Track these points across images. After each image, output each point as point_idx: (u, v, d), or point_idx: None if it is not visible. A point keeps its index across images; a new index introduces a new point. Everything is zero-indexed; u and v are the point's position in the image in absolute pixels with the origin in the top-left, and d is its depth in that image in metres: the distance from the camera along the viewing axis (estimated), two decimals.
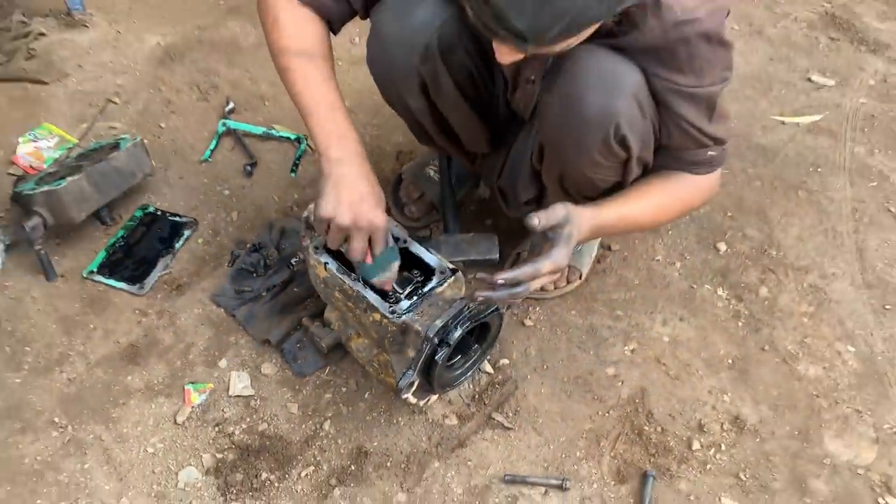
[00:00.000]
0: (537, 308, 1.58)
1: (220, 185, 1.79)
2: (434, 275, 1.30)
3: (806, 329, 1.56)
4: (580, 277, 1.61)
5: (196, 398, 1.45)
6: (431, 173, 1.71)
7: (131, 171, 1.67)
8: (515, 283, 1.15)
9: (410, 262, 1.33)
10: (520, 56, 1.05)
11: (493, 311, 1.29)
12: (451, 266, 1.31)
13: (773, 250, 1.69)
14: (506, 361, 1.50)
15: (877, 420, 1.43)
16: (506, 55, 1.06)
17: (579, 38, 1.03)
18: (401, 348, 1.28)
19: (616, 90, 1.15)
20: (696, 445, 1.39)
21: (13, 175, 1.76)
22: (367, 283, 1.28)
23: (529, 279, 1.15)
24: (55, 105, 1.93)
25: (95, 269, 1.61)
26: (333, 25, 1.32)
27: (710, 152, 1.27)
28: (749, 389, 1.47)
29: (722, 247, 1.69)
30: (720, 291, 1.62)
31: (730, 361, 1.51)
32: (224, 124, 1.89)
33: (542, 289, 1.55)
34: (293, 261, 1.58)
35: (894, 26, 2.26)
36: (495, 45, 1.06)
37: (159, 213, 1.72)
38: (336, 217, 1.19)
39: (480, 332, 1.35)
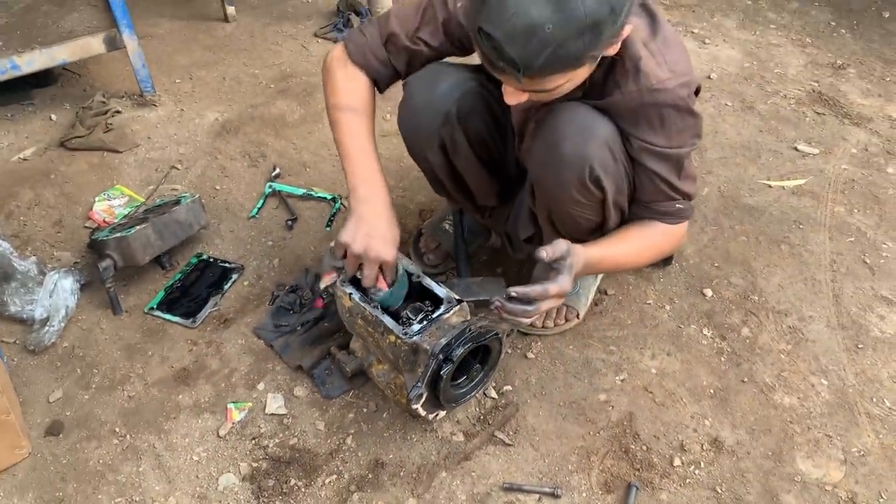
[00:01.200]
0: (538, 343, 1.77)
1: (265, 237, 2.05)
2: (442, 304, 1.52)
3: (783, 364, 1.72)
4: (577, 317, 1.80)
5: (237, 415, 1.65)
6: (447, 227, 1.94)
7: (189, 223, 1.94)
8: (527, 301, 1.35)
9: (423, 295, 1.55)
10: (523, 97, 1.28)
11: (492, 335, 1.49)
12: (456, 297, 1.52)
13: (756, 296, 1.87)
14: (509, 388, 1.68)
15: (846, 444, 1.57)
16: (511, 96, 1.29)
17: (567, 77, 1.22)
18: (413, 367, 1.49)
19: (590, 137, 1.37)
20: (677, 462, 1.54)
21: (89, 228, 2.05)
22: (384, 310, 1.50)
23: (539, 297, 1.34)
24: (126, 170, 2.25)
25: (155, 306, 1.86)
26: (380, 85, 1.58)
27: (678, 205, 1.48)
28: (728, 415, 1.63)
29: (708, 292, 1.87)
30: (705, 331, 1.79)
31: (711, 391, 1.67)
32: (270, 186, 2.16)
33: (543, 325, 1.77)
34: (323, 294, 1.81)
35: (876, 102, 2.48)
36: (503, 88, 1.29)
37: (211, 259, 1.98)
38: (352, 245, 1.41)
39: (483, 356, 1.55)
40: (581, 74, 1.26)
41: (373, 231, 1.42)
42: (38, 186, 2.19)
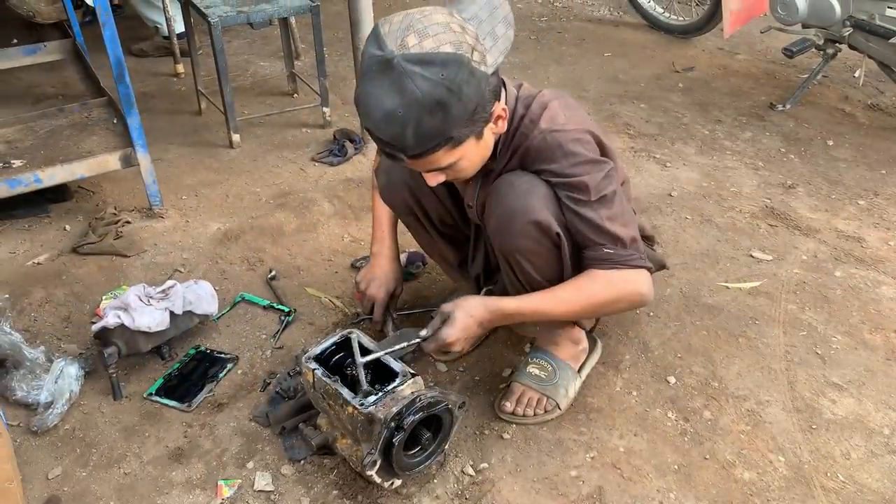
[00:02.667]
0: (514, 426, 1.89)
1: (259, 331, 2.19)
2: (398, 377, 1.66)
3: (742, 443, 1.83)
4: (559, 408, 1.92)
5: (226, 492, 1.74)
6: None
7: (189, 318, 2.10)
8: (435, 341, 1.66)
9: (382, 371, 1.69)
10: (439, 177, 1.56)
11: (443, 406, 1.62)
12: (412, 371, 1.67)
13: (716, 383, 2.00)
14: (485, 465, 1.78)
15: None
16: (429, 178, 1.57)
17: (454, 154, 1.49)
18: (369, 437, 1.60)
19: (530, 193, 1.61)
20: None
21: (94, 322, 2.19)
22: (343, 383, 1.64)
23: (437, 340, 1.66)
24: (133, 272, 2.42)
25: (154, 392, 1.98)
26: None
27: (606, 249, 1.61)
28: (692, 489, 1.72)
29: (672, 380, 2.01)
30: (670, 414, 1.91)
31: (676, 467, 1.77)
32: (241, 296, 2.31)
33: (524, 414, 1.89)
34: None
35: (823, 216, 2.71)
36: (423, 173, 1.58)
37: (208, 351, 2.11)
38: (359, 283, 2.02)
39: (436, 427, 1.68)
40: (470, 149, 1.52)
41: (373, 276, 2.01)
42: (50, 286, 2.35)
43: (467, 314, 1.65)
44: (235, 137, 3.22)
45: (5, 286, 2.35)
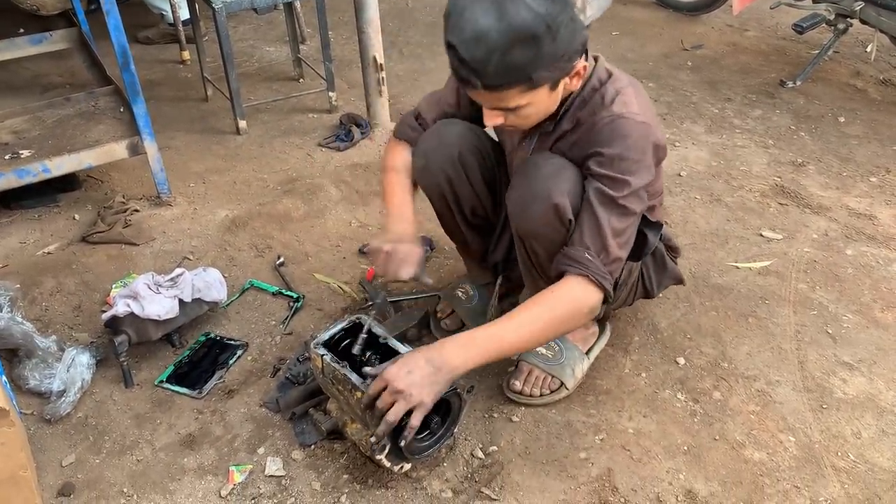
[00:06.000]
0: (522, 409, 1.89)
1: (268, 317, 2.20)
2: None
3: (752, 424, 1.83)
4: (565, 388, 1.92)
5: (238, 477, 1.75)
6: (460, 294, 2.12)
7: (199, 306, 2.11)
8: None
9: (389, 354, 1.69)
10: (498, 118, 1.53)
11: (451, 390, 1.62)
12: None
13: (726, 363, 2.00)
14: (495, 448, 1.79)
15: (813, 494, 1.66)
16: (487, 117, 1.54)
17: (525, 96, 1.45)
18: (378, 422, 1.60)
19: (555, 178, 1.59)
20: None
21: (105, 311, 2.20)
22: (353, 368, 1.64)
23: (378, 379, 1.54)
24: (142, 261, 2.43)
25: (165, 379, 1.99)
26: None
27: (588, 255, 1.56)
28: (701, 470, 1.72)
29: (681, 360, 2.00)
30: (679, 395, 1.91)
31: (685, 448, 1.77)
32: (250, 283, 2.33)
33: (530, 394, 1.89)
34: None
35: (834, 193, 2.69)
36: (483, 113, 1.55)
37: (218, 338, 2.12)
38: (372, 243, 1.75)
39: (445, 412, 1.68)
40: (542, 96, 1.49)
41: (400, 238, 1.75)
42: (60, 276, 2.37)
43: (414, 351, 1.56)
44: (242, 124, 3.21)
45: (16, 276, 2.37)
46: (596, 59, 1.66)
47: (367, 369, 1.59)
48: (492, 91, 1.45)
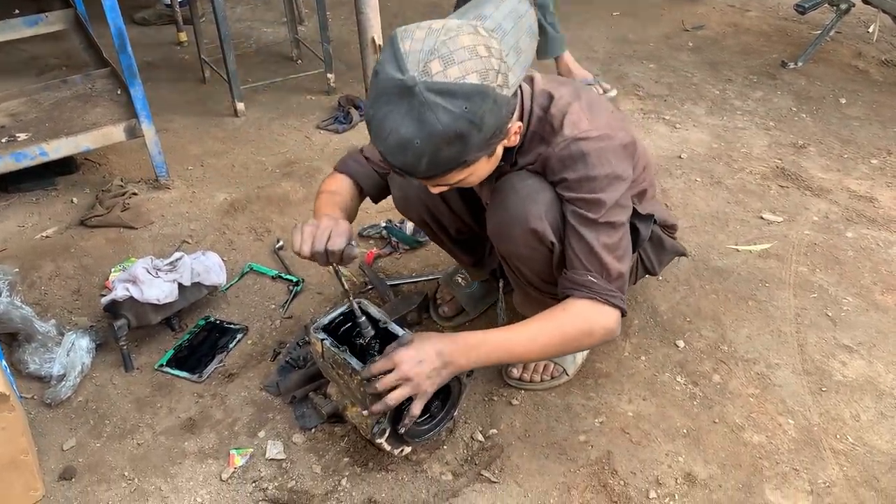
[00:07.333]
0: (522, 392, 1.89)
1: (268, 301, 2.20)
2: None
3: (752, 406, 1.83)
4: (566, 374, 1.92)
5: (238, 460, 1.76)
6: (459, 279, 2.11)
7: (198, 289, 2.10)
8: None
9: (389, 339, 1.69)
10: (443, 188, 1.48)
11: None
12: None
13: (726, 346, 2.00)
14: (494, 431, 1.79)
15: (812, 477, 1.67)
16: (434, 190, 1.49)
17: (464, 173, 1.40)
18: (374, 400, 1.60)
19: (531, 199, 1.55)
20: (652, 495, 1.64)
21: (104, 295, 2.20)
22: (352, 352, 1.64)
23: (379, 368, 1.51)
24: (141, 244, 2.43)
25: (165, 363, 1.99)
26: (370, 192, 1.85)
27: (590, 277, 1.52)
28: (701, 452, 1.73)
29: (681, 344, 2.00)
30: (678, 378, 1.91)
31: (685, 431, 1.78)
32: (249, 266, 2.32)
33: (530, 380, 1.90)
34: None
35: (835, 176, 2.68)
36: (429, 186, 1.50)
37: (217, 322, 2.12)
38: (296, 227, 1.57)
39: (444, 396, 1.68)
40: (481, 166, 1.44)
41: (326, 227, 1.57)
42: (59, 259, 2.36)
43: (425, 339, 1.52)
44: (240, 106, 3.20)
45: (15, 260, 2.36)
46: (531, 81, 1.58)
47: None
48: (430, 180, 1.42)
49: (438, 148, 1.31)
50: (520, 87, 1.53)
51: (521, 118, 1.52)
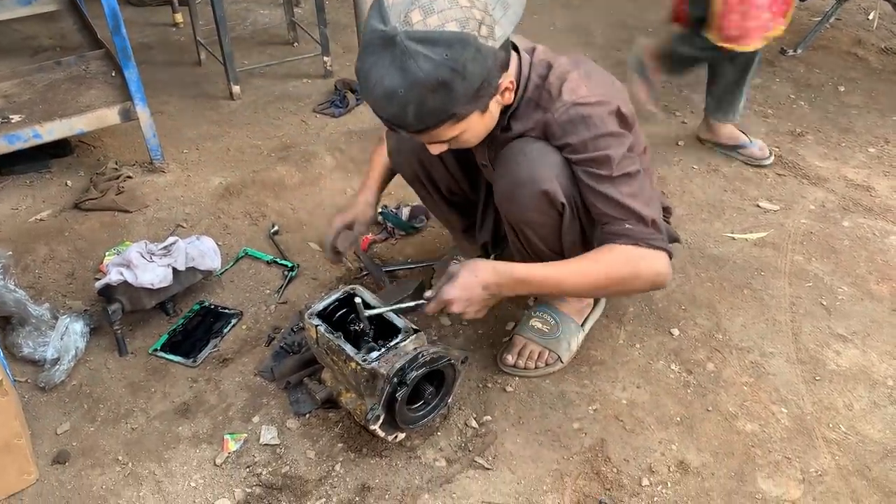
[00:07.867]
0: (516, 379, 1.89)
1: (263, 286, 2.19)
2: (400, 333, 1.66)
3: (745, 395, 1.84)
4: (561, 361, 1.93)
5: (232, 446, 1.76)
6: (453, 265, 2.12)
7: (193, 274, 2.09)
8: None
9: (384, 326, 1.69)
10: (441, 147, 1.52)
11: (445, 361, 1.62)
12: (414, 327, 1.67)
13: (720, 335, 2.00)
14: (488, 418, 1.80)
15: (804, 465, 1.67)
16: (432, 148, 1.53)
17: (456, 128, 1.44)
18: (373, 392, 1.61)
19: (540, 163, 1.57)
20: (645, 482, 1.64)
21: (98, 279, 2.20)
22: (346, 338, 1.64)
23: (435, 298, 1.60)
24: (135, 228, 2.42)
25: (159, 348, 1.99)
26: None
27: (627, 225, 1.54)
28: (694, 440, 1.73)
29: (675, 332, 2.01)
30: (673, 366, 1.92)
31: (678, 419, 1.78)
32: (245, 251, 2.31)
33: (525, 367, 1.90)
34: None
35: (833, 164, 2.67)
36: (426, 144, 1.54)
37: (212, 306, 2.12)
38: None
39: (439, 383, 1.68)
40: (475, 122, 1.46)
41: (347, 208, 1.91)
42: (53, 243, 2.35)
43: (472, 273, 1.57)
44: (236, 89, 3.17)
45: (8, 243, 2.35)
46: (532, 51, 1.61)
47: (428, 293, 1.61)
48: (421, 133, 1.45)
49: (423, 97, 1.35)
50: (517, 51, 1.56)
51: (517, 78, 1.54)
